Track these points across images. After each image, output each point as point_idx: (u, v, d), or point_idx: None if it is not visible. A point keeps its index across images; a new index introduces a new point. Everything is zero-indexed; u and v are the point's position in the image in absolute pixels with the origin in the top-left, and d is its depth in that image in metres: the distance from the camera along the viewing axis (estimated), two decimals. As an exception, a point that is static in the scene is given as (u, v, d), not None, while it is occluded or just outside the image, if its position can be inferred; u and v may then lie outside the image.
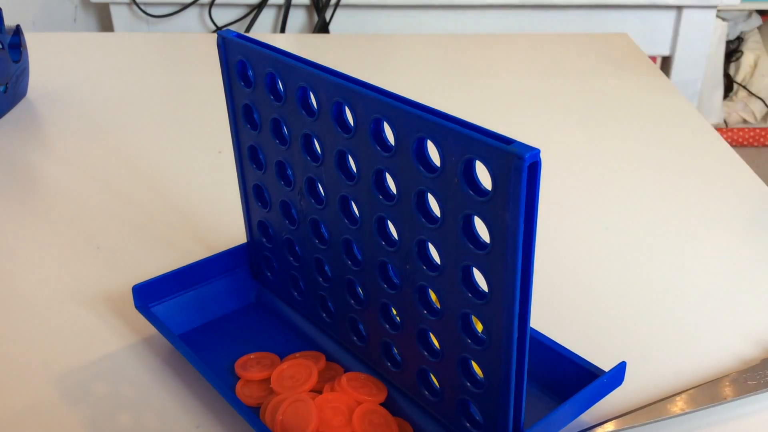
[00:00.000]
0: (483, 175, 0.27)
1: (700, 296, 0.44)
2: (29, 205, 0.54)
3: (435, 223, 0.29)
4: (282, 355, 0.38)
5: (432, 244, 0.30)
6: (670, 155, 0.61)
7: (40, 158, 0.62)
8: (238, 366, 0.37)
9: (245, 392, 0.36)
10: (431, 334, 0.32)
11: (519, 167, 0.24)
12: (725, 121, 2.06)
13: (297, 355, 0.38)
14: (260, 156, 0.38)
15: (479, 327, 0.30)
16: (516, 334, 0.28)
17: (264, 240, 0.41)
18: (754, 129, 2.10)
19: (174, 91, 0.76)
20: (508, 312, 0.27)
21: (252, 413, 0.32)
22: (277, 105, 0.35)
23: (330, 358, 0.38)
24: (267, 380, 0.36)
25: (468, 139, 0.26)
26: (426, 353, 0.33)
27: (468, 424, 0.32)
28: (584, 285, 0.45)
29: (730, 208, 0.53)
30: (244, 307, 0.42)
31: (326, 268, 0.37)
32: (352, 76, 0.31)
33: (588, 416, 0.36)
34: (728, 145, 0.62)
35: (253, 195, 0.40)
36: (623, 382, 0.35)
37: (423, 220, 0.30)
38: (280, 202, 0.38)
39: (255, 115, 0.37)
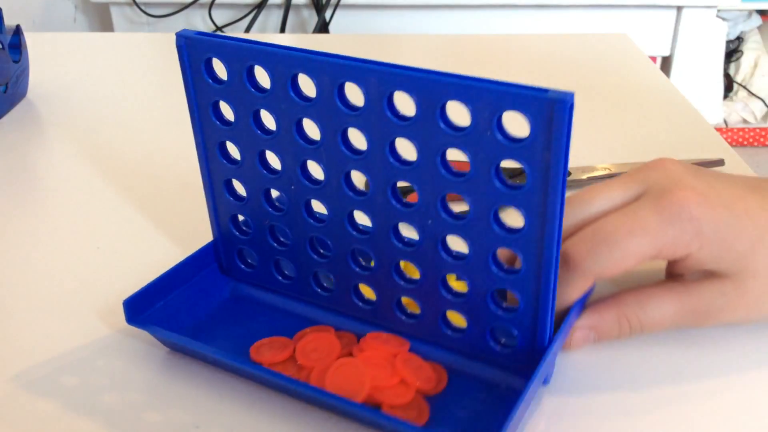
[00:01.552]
0: (510, 125, 0.31)
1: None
2: (29, 205, 0.54)
3: (462, 177, 0.32)
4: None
5: (461, 195, 0.33)
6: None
7: (40, 158, 0.62)
8: (254, 353, 0.38)
9: None
10: (451, 277, 0.36)
11: (562, 109, 0.28)
12: (725, 121, 2.07)
13: (307, 330, 0.39)
14: (236, 150, 0.38)
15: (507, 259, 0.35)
16: (555, 257, 0.32)
17: (237, 233, 0.41)
18: (754, 129, 2.10)
19: (174, 91, 0.76)
20: (550, 235, 0.31)
21: (302, 383, 0.34)
22: (260, 96, 0.35)
23: (334, 328, 0.40)
24: (288, 360, 0.37)
25: (505, 94, 0.29)
26: (450, 296, 0.36)
27: (498, 347, 0.36)
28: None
29: (730, 208, 0.53)
30: (221, 304, 0.42)
31: (327, 242, 0.38)
32: (350, 56, 0.33)
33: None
34: (728, 145, 0.62)
35: (224, 190, 0.40)
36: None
37: (449, 176, 0.33)
38: (263, 191, 0.39)
39: (232, 110, 0.37)
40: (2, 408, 0.36)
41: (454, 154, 0.33)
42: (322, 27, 1.44)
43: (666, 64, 1.58)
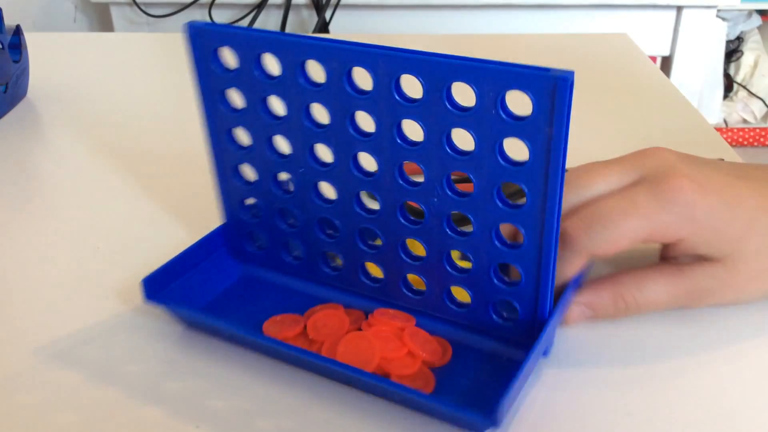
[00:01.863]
0: (512, 105, 0.32)
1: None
2: (29, 205, 0.54)
3: (467, 155, 0.33)
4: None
5: (467, 173, 0.34)
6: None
7: (40, 158, 0.62)
8: (267, 328, 0.39)
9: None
10: (455, 254, 0.37)
11: (564, 86, 0.30)
12: (725, 121, 2.07)
13: (317, 308, 0.40)
14: (246, 136, 0.40)
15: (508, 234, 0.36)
16: (556, 231, 0.33)
17: (247, 217, 0.43)
18: (754, 129, 2.10)
19: (174, 91, 0.76)
20: (550, 212, 0.33)
21: (316, 354, 0.36)
22: (270, 82, 0.37)
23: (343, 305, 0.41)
24: (299, 336, 0.39)
25: (509, 74, 0.31)
26: (455, 272, 0.37)
27: (501, 321, 0.38)
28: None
29: (730, 208, 0.53)
30: (231, 286, 0.44)
31: (335, 223, 0.39)
32: (360, 42, 0.34)
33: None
34: (728, 145, 0.62)
35: (233, 175, 0.42)
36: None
37: (454, 154, 0.34)
38: (272, 175, 0.40)
39: (244, 96, 0.38)
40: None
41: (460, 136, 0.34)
42: (322, 27, 1.44)
43: (666, 64, 1.58)
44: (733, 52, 2.09)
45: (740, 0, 1.77)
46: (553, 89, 0.30)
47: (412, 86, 0.34)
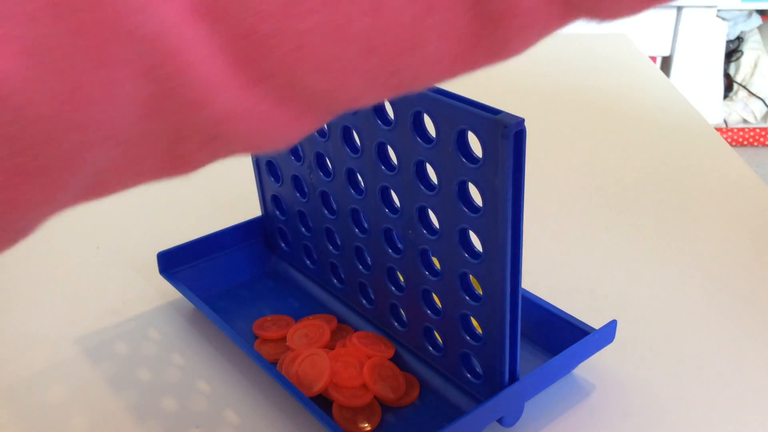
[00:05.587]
0: (475, 145, 0.29)
1: (698, 292, 0.44)
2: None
3: (433, 190, 0.31)
4: (296, 318, 0.41)
5: (431, 209, 0.32)
6: (669, 155, 0.61)
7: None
8: (256, 326, 0.40)
9: (263, 349, 0.39)
10: (434, 294, 0.35)
11: (506, 135, 0.26)
12: (725, 121, 2.07)
13: (310, 317, 0.41)
14: None
15: (477, 286, 0.32)
16: (509, 289, 0.30)
17: (277, 213, 0.44)
18: (754, 129, 2.10)
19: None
20: (501, 269, 0.30)
21: (270, 365, 0.35)
22: None
23: (341, 320, 0.41)
24: (282, 339, 0.39)
25: (460, 111, 0.28)
26: (429, 312, 0.35)
27: (469, 375, 0.35)
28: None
29: (729, 207, 0.53)
30: (260, 276, 0.45)
31: (336, 236, 0.39)
32: None
33: (580, 371, 0.38)
34: (728, 145, 0.62)
35: (266, 171, 0.43)
36: (614, 340, 0.37)
37: (422, 188, 0.32)
38: (292, 177, 0.41)
39: None
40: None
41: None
42: (322, 27, 1.44)
43: (666, 64, 1.58)
44: (733, 52, 2.09)
45: (740, 0, 1.77)
46: (499, 136, 0.27)
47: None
